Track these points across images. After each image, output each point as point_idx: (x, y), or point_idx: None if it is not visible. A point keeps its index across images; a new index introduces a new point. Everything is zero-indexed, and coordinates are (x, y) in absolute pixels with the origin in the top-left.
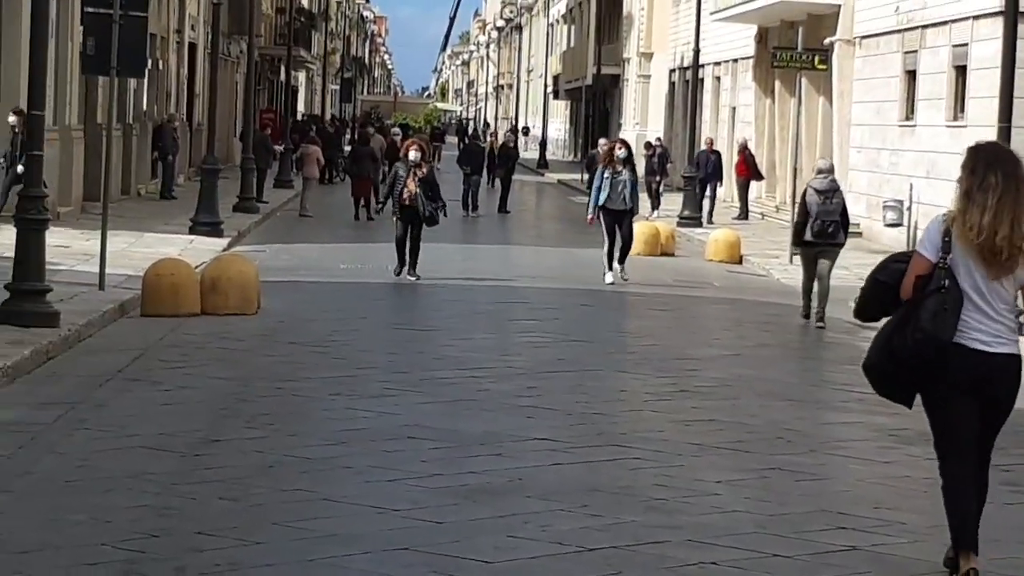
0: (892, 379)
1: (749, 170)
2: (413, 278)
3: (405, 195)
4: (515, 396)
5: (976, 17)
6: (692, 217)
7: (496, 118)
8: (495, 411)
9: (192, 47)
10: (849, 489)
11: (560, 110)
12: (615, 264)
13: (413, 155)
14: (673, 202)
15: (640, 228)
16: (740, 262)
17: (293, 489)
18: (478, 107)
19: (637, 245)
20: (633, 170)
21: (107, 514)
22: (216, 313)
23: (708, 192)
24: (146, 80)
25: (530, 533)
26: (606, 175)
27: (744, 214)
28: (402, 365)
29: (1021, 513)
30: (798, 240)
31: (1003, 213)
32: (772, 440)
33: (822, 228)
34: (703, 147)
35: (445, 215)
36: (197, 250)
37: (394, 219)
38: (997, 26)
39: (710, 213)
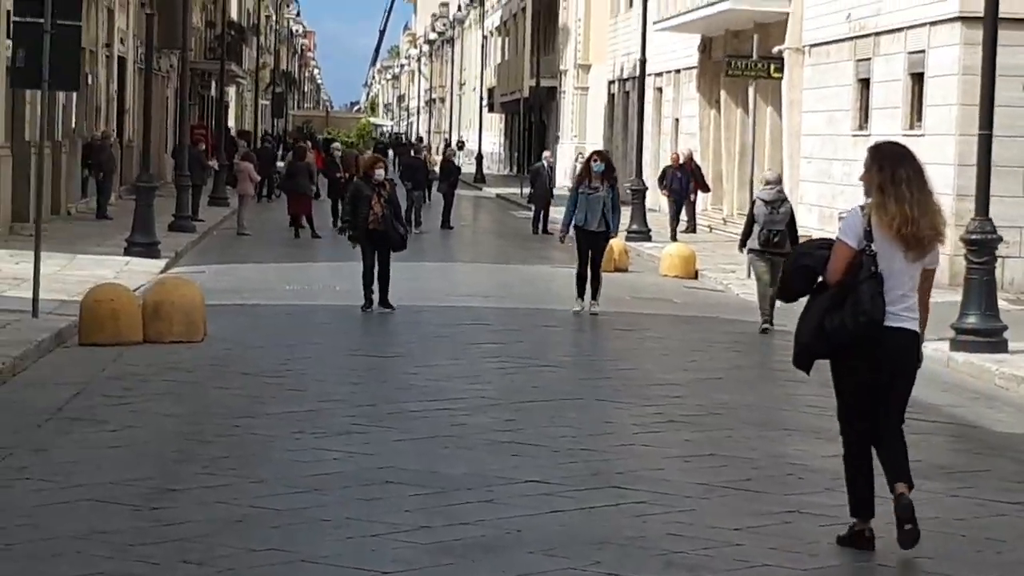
0: (816, 356)
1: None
2: (388, 310)
3: (371, 219)
4: (494, 430)
5: (933, 23)
6: (640, 231)
7: (429, 132)
8: (475, 449)
9: (121, 61)
10: (883, 535)
11: (495, 123)
12: (587, 295)
13: (379, 173)
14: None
15: None
16: (696, 277)
17: (266, 548)
18: (409, 121)
19: None
20: (613, 186)
21: None
22: (160, 341)
23: (675, 208)
24: (75, 95)
25: None
26: (581, 191)
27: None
28: (366, 397)
29: None
30: (741, 245)
31: (923, 204)
32: (782, 477)
33: (768, 237)
34: (668, 162)
35: (418, 232)
36: (133, 272)
37: (354, 246)
38: (955, 32)
39: (684, 229)
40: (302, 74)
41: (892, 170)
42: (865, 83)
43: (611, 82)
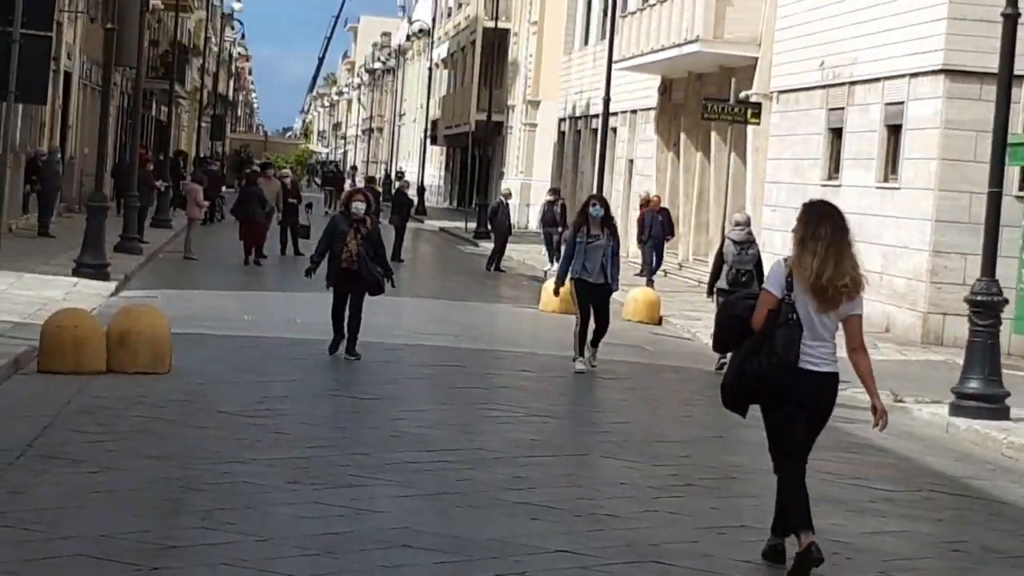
0: (741, 397)
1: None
2: (353, 358)
3: (344, 256)
4: (504, 488)
5: (914, 75)
6: None
7: (366, 162)
8: (489, 509)
9: (67, 76)
10: None
11: (435, 156)
12: (587, 349)
13: (358, 207)
14: None
15: (551, 285)
16: (660, 323)
17: None
18: (345, 150)
19: (551, 302)
20: (614, 233)
21: None
22: (124, 371)
23: (652, 253)
24: (20, 108)
25: None
26: (579, 239)
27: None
28: (357, 444)
29: None
30: (710, 288)
31: (829, 259)
32: (828, 556)
33: (736, 277)
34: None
35: (392, 284)
36: (83, 294)
37: (328, 286)
38: (938, 84)
39: (651, 273)
40: (237, 97)
41: (815, 227)
42: (837, 132)
43: (561, 119)
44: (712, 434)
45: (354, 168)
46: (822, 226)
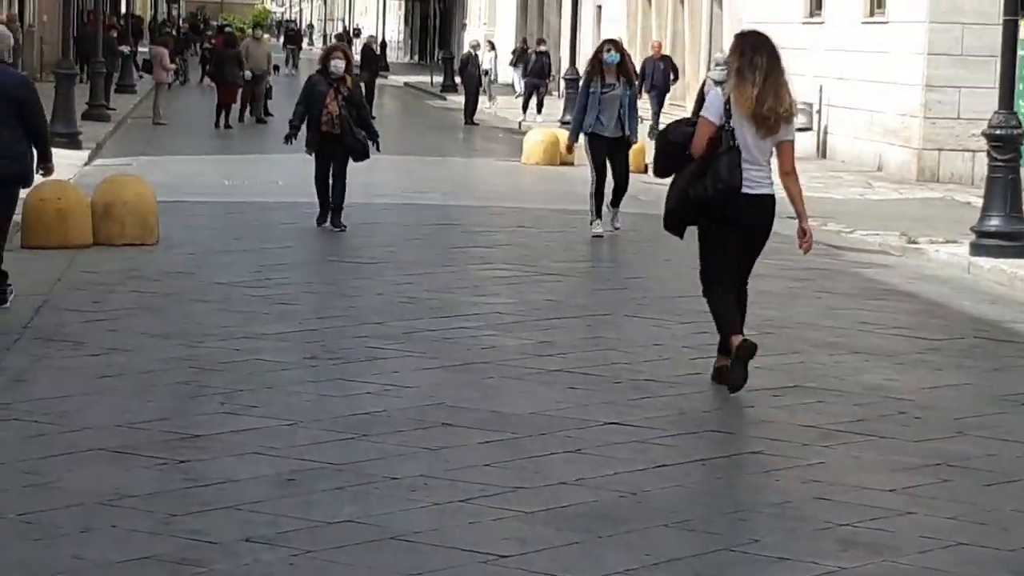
0: (683, 220)
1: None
2: (338, 229)
3: (324, 119)
4: (533, 355)
5: None
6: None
7: (323, 20)
8: (524, 380)
9: None
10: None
11: (394, 10)
12: (604, 210)
13: (337, 65)
14: (553, 106)
15: (534, 136)
16: (646, 171)
17: (339, 521)
18: (300, 8)
19: (533, 154)
20: (630, 82)
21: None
22: (111, 244)
23: (655, 105)
24: None
25: None
26: (592, 89)
27: None
28: (369, 313)
29: None
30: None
31: (768, 87)
32: (896, 417)
33: None
34: (649, 52)
35: (378, 149)
36: (57, 164)
37: (308, 152)
38: None
39: (653, 127)
40: None
41: (751, 56)
42: None
43: None
44: None
45: (311, 26)
46: (758, 55)
